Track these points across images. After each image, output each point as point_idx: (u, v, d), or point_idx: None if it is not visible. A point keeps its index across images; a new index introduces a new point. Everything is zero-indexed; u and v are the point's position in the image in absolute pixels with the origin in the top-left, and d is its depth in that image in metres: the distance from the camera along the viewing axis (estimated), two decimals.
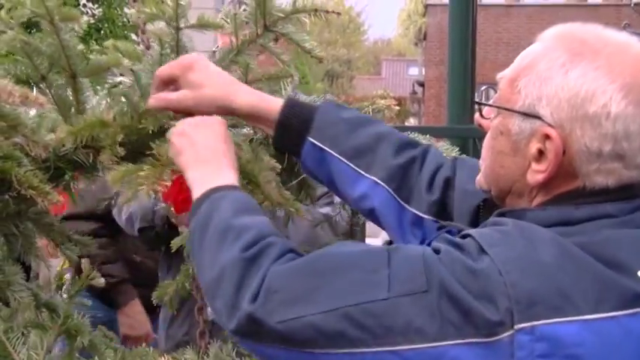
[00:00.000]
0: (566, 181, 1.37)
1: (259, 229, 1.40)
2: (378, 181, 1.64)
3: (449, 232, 1.47)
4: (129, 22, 14.64)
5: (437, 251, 1.30)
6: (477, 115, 1.52)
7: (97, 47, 1.65)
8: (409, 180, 1.65)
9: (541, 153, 1.36)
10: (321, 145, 1.65)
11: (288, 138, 1.67)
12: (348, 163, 1.65)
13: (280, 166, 1.66)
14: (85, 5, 14.83)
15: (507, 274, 1.23)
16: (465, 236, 1.32)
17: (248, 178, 1.54)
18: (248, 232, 1.39)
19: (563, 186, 1.37)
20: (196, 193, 1.50)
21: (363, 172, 1.65)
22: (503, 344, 1.21)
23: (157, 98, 1.64)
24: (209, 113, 1.63)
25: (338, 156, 1.65)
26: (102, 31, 14.60)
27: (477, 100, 1.52)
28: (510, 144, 1.41)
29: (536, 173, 1.37)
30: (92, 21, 14.91)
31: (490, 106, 1.47)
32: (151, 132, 1.60)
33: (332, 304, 1.27)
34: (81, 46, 1.61)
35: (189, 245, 1.50)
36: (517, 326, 1.21)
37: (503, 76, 1.44)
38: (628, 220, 1.35)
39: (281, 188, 1.70)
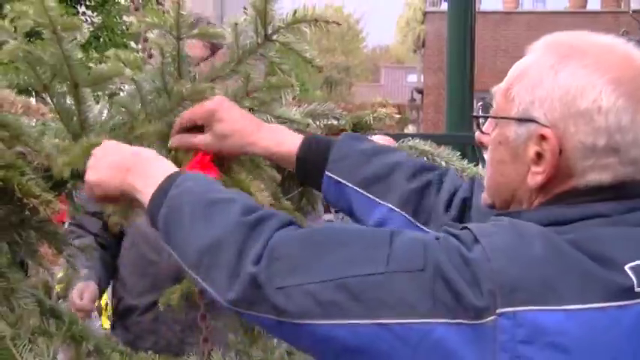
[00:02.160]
0: (564, 181, 1.39)
1: (250, 201, 1.43)
2: (394, 208, 1.70)
3: None
4: (128, 29, 14.62)
5: (437, 238, 1.33)
6: (477, 133, 1.54)
7: (97, 55, 1.66)
8: (426, 203, 1.71)
9: (539, 156, 1.38)
10: (337, 178, 1.72)
11: (309, 174, 1.74)
12: (363, 192, 1.71)
13: (280, 177, 1.67)
14: (84, 13, 14.83)
15: (495, 260, 1.25)
16: (463, 228, 1.35)
17: (240, 187, 1.54)
18: (239, 201, 1.41)
19: (560, 186, 1.39)
20: (149, 190, 1.50)
21: (378, 200, 1.71)
22: (487, 328, 1.23)
23: (182, 140, 1.71)
24: (233, 155, 1.73)
25: (354, 187, 1.71)
26: (101, 39, 14.59)
27: (474, 114, 1.55)
28: (509, 151, 1.43)
29: (536, 175, 1.39)
30: (91, 29, 14.92)
31: (486, 117, 1.50)
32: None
33: (331, 274, 1.29)
34: (80, 54, 1.61)
35: (161, 231, 1.48)
36: (499, 310, 1.23)
37: (498, 88, 1.47)
38: (620, 220, 1.36)
39: (281, 198, 1.71)
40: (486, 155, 1.51)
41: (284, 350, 2.22)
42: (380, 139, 2.18)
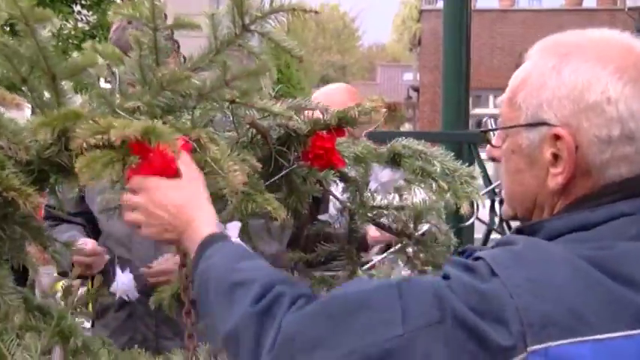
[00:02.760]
0: (583, 179, 1.37)
1: (265, 280, 1.42)
2: None
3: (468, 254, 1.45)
4: None
5: (447, 277, 1.29)
6: (488, 148, 1.53)
7: None
8: None
9: (556, 157, 1.37)
10: None
11: None
12: None
13: (261, 166, 1.66)
14: (79, 12, 14.83)
15: (518, 297, 1.22)
16: (477, 258, 1.31)
17: (211, 167, 1.53)
18: (254, 284, 1.41)
19: (580, 185, 1.37)
20: (191, 251, 1.56)
21: None
22: None
23: None
24: None
25: None
26: (97, 38, 14.57)
27: (482, 129, 1.53)
28: (524, 159, 1.42)
29: (556, 176, 1.38)
30: (87, 28, 14.91)
31: (495, 130, 1.49)
32: None
33: (350, 346, 1.27)
34: (76, 53, 1.61)
35: (198, 302, 1.54)
36: (530, 348, 1.20)
37: (501, 100, 1.46)
38: None
39: (263, 190, 1.69)
40: (501, 168, 1.49)
41: None
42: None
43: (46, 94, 1.64)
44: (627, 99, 1.34)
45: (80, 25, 14.87)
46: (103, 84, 1.76)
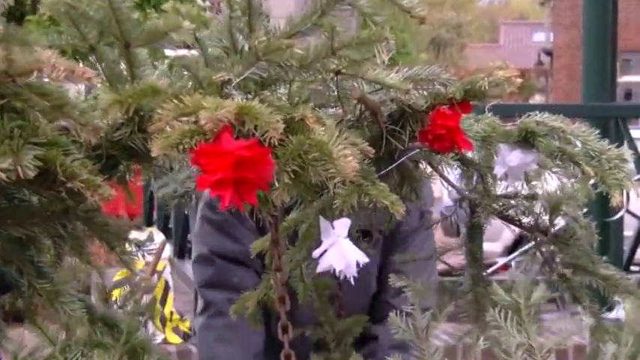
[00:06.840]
0: None
1: None
2: None
3: None
4: None
5: None
6: None
7: (156, 15, 1.67)
8: None
9: None
10: None
11: None
12: None
13: (373, 151, 1.65)
14: None
15: None
16: None
17: (320, 150, 1.50)
18: None
19: None
20: None
21: None
22: None
23: None
24: None
25: None
26: None
27: None
28: None
29: None
30: None
31: None
32: None
33: None
34: (136, 14, 1.62)
35: None
36: None
37: None
38: None
39: (375, 179, 1.68)
40: None
41: None
42: None
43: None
44: None
45: None
46: (180, 52, 1.77)
